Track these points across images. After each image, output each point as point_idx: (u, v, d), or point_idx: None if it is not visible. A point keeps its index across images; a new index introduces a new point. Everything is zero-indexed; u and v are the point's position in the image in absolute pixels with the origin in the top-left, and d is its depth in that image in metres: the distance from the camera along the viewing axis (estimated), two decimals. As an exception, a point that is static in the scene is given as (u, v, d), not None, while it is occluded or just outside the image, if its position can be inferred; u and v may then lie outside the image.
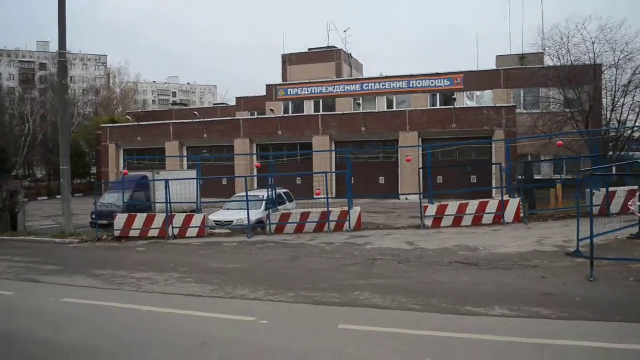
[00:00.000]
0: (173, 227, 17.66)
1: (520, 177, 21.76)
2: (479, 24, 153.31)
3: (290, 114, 42.10)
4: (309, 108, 44.04)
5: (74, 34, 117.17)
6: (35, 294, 10.55)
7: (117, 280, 11.37)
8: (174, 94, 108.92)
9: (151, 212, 22.88)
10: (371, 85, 42.59)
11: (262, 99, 50.22)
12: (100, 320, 8.19)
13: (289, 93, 44.69)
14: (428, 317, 7.75)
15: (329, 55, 55.26)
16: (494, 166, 33.87)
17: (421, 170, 22.76)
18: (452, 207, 16.73)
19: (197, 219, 17.92)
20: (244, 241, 16.24)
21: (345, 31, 72.49)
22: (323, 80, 45.14)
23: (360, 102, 39.74)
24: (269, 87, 45.95)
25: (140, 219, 18.03)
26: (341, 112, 39.15)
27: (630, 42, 27.44)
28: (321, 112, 39.62)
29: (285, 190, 22.80)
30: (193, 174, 27.97)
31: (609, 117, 30.00)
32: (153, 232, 17.81)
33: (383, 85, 42.21)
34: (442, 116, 35.49)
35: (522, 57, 43.96)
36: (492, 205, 16.70)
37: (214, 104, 61.31)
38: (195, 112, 43.43)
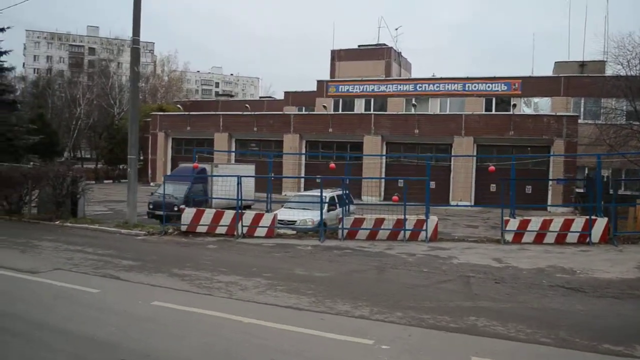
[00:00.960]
0: (242, 225, 17.25)
1: (583, 191, 20.85)
2: (536, 27, 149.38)
3: (341, 111, 41.52)
4: (359, 106, 43.40)
5: (125, 22, 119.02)
6: (121, 293, 10.20)
7: (202, 282, 10.97)
8: (217, 85, 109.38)
9: (208, 206, 22.74)
10: (424, 86, 41.75)
11: (311, 94, 49.75)
12: (205, 333, 7.75)
13: (339, 90, 44.12)
14: (567, 355, 7.12)
15: (379, 52, 54.48)
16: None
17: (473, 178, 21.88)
18: (535, 222, 15.95)
19: (266, 218, 17.40)
20: (318, 245, 15.78)
21: (396, 29, 71.35)
22: (375, 78, 44.50)
23: (416, 103, 38.78)
24: (320, 83, 45.42)
25: (209, 214, 17.61)
26: (395, 112, 38.50)
27: None
28: (372, 111, 38.88)
29: (347, 192, 22.29)
30: (250, 168, 27.84)
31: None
32: (221, 229, 17.38)
33: (437, 87, 41.33)
34: (500, 122, 34.55)
35: (582, 65, 42.58)
36: (578, 224, 15.85)
37: (261, 97, 61.09)
38: (247, 105, 43.17)
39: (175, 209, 21.26)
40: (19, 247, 14.46)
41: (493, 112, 38.71)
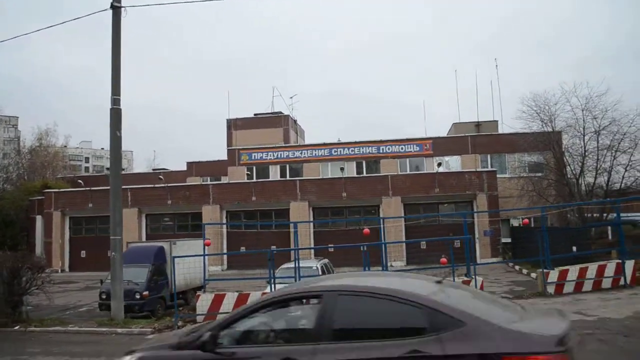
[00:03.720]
0: None
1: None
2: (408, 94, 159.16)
3: (263, 179, 40.15)
4: (274, 173, 42.43)
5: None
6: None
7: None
8: (87, 159, 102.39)
9: (169, 288, 20.16)
10: (340, 150, 41.96)
11: (217, 164, 48.14)
12: None
13: (252, 157, 42.86)
14: None
15: (275, 120, 54.37)
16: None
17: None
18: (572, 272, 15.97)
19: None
20: None
21: (291, 97, 71.88)
22: (289, 145, 44.02)
23: (343, 167, 38.67)
24: (231, 151, 43.94)
25: (230, 299, 15.13)
26: (320, 177, 38.04)
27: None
28: (288, 177, 38.07)
29: (327, 261, 21.01)
30: (199, 244, 25.41)
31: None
32: None
33: (352, 151, 41.74)
34: (425, 181, 35.41)
35: (478, 124, 45.69)
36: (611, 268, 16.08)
37: (154, 169, 57.67)
38: (161, 176, 40.19)
39: (138, 296, 18.65)
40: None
41: (408, 172, 39.68)
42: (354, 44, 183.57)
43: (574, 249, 20.54)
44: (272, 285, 15.10)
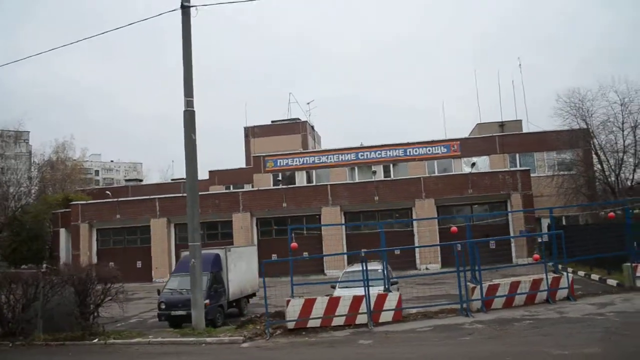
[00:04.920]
0: (370, 312, 14.50)
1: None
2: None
3: (294, 185, 39.67)
4: (300, 179, 42.00)
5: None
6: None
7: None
8: (97, 172, 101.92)
9: (227, 295, 19.71)
10: (366, 154, 41.55)
11: (239, 172, 47.95)
12: None
13: (278, 164, 42.43)
14: None
15: (294, 127, 54.38)
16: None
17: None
18: None
19: (391, 300, 14.86)
20: (478, 320, 13.77)
21: (308, 103, 71.42)
22: (315, 150, 43.70)
23: (375, 170, 38.31)
24: (256, 158, 43.50)
25: (321, 304, 14.51)
26: (352, 181, 37.67)
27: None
28: (329, 182, 37.53)
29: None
30: (253, 250, 25.01)
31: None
32: (338, 320, 14.48)
33: (379, 154, 41.32)
34: (458, 182, 35.01)
35: (502, 124, 45.43)
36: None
37: (173, 179, 57.28)
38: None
39: (199, 305, 18.07)
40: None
41: (436, 173, 39.25)
42: (357, 50, 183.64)
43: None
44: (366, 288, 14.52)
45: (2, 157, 52.36)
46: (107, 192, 42.37)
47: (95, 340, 14.32)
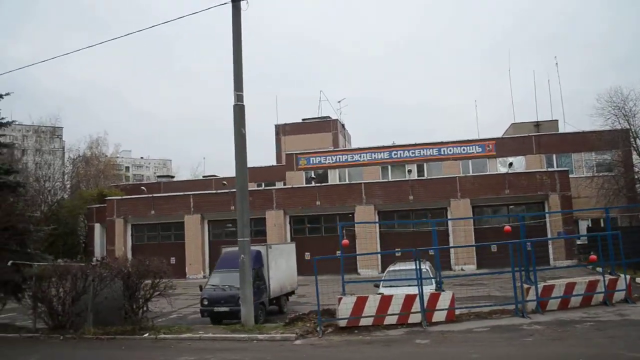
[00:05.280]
0: (424, 311, 14.32)
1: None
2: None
3: (328, 184, 39.51)
4: (333, 177, 41.87)
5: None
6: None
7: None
8: (127, 169, 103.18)
9: (268, 292, 19.64)
10: (400, 153, 41.27)
11: (271, 169, 48.11)
12: None
13: (311, 162, 42.35)
14: None
15: (325, 125, 54.28)
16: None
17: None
18: None
19: (444, 299, 14.67)
20: (536, 321, 13.52)
21: (339, 101, 71.43)
22: (348, 148, 43.55)
23: (410, 169, 38.07)
24: (289, 156, 43.50)
25: (373, 302, 14.31)
26: (386, 180, 37.46)
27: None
28: (363, 181, 37.35)
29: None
30: (292, 247, 24.93)
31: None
32: (389, 319, 14.36)
33: (412, 153, 41.01)
34: (495, 182, 34.55)
35: (537, 124, 44.76)
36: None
37: (204, 176, 57.58)
38: (225, 182, 39.99)
39: (242, 301, 17.96)
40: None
41: (471, 173, 38.80)
42: (378, 50, 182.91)
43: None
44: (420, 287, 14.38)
45: (39, 152, 53.14)
46: (143, 187, 42.75)
47: (146, 335, 14.34)
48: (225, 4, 15.21)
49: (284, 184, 42.60)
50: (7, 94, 19.25)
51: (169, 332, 14.45)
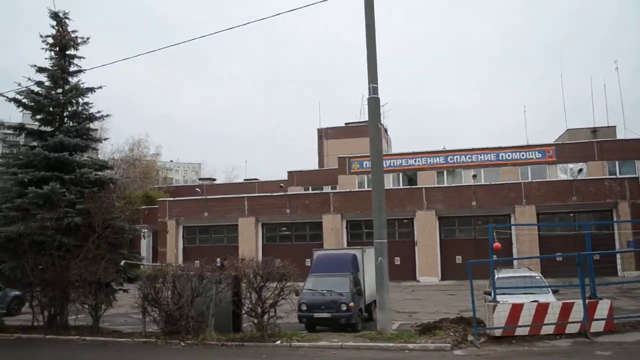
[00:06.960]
0: (586, 320, 13.17)
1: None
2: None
3: (387, 188, 38.64)
4: (387, 182, 40.98)
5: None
6: None
7: None
8: (157, 172, 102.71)
9: (363, 298, 18.75)
10: (456, 158, 40.36)
11: (319, 173, 47.50)
12: None
13: (364, 166, 41.53)
14: None
15: (367, 129, 53.26)
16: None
17: None
18: None
19: (602, 309, 13.54)
20: None
21: (383, 105, 70.37)
22: (403, 152, 42.64)
23: (475, 173, 37.13)
24: (341, 160, 42.76)
25: (528, 310, 13.27)
26: (449, 185, 36.56)
27: None
28: (424, 185, 36.47)
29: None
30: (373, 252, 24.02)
31: None
32: (546, 329, 13.28)
33: (469, 158, 40.08)
34: (561, 188, 33.46)
35: (594, 130, 43.60)
36: None
37: (245, 179, 57.03)
38: (282, 184, 39.30)
39: (344, 307, 16.95)
40: None
41: (530, 179, 37.70)
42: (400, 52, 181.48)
43: None
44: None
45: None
46: (197, 189, 42.23)
47: (278, 342, 13.37)
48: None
49: (331, 188, 41.88)
50: (100, 87, 18.68)
51: (301, 340, 13.39)
